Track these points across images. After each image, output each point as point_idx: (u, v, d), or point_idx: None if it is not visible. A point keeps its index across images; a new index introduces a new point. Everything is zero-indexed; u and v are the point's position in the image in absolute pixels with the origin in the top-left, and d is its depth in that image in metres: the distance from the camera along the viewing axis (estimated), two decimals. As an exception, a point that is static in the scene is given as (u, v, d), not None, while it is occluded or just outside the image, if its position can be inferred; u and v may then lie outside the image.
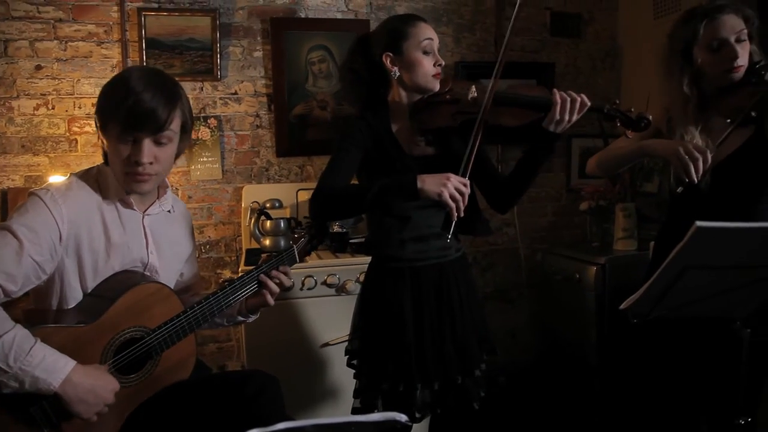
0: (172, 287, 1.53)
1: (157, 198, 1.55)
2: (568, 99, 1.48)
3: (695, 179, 1.49)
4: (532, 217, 3.37)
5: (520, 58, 3.23)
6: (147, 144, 1.37)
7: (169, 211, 1.59)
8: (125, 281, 1.41)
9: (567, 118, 1.48)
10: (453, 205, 1.41)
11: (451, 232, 1.47)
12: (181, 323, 1.42)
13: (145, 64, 2.67)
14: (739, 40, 1.56)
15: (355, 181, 1.66)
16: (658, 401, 1.93)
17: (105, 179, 1.45)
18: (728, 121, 1.56)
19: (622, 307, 1.25)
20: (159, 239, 1.54)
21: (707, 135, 1.60)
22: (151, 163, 1.38)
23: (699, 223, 1.01)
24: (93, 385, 1.27)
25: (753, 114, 1.54)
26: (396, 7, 3.04)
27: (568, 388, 2.98)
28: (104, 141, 1.41)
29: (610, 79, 3.42)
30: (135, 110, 1.32)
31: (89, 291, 1.40)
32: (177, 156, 1.50)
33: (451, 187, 1.41)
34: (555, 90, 1.50)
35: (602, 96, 3.30)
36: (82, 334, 1.32)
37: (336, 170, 1.56)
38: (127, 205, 1.47)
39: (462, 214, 1.43)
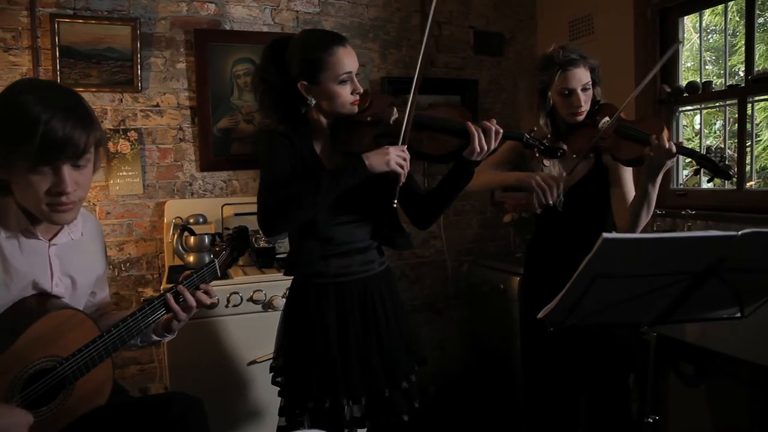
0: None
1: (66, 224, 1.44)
2: (482, 130, 1.52)
3: (551, 202, 1.79)
4: (458, 230, 3.45)
5: (444, 75, 3.32)
6: (67, 171, 1.25)
7: (79, 237, 1.49)
8: (30, 311, 1.31)
9: (486, 148, 1.53)
10: (401, 171, 1.48)
11: (396, 197, 1.50)
12: (97, 349, 1.33)
13: (59, 72, 2.55)
14: (584, 90, 1.86)
15: None
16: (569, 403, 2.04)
17: (3, 209, 1.33)
18: (573, 156, 1.83)
19: (539, 316, 1.31)
20: (67, 268, 1.44)
21: (561, 162, 1.89)
22: (75, 191, 1.28)
23: (605, 235, 1.07)
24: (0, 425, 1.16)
25: (591, 155, 1.85)
26: (323, 21, 3.05)
27: (496, 395, 3.05)
28: (6, 175, 1.27)
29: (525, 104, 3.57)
30: (48, 141, 1.19)
31: None
32: (93, 173, 1.39)
33: (395, 156, 1.48)
34: (468, 124, 1.52)
35: (523, 112, 3.44)
36: None
37: (275, 184, 1.49)
38: (31, 234, 1.36)
39: (404, 179, 1.50)
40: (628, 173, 1.88)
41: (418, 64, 1.54)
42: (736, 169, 1.66)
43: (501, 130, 1.54)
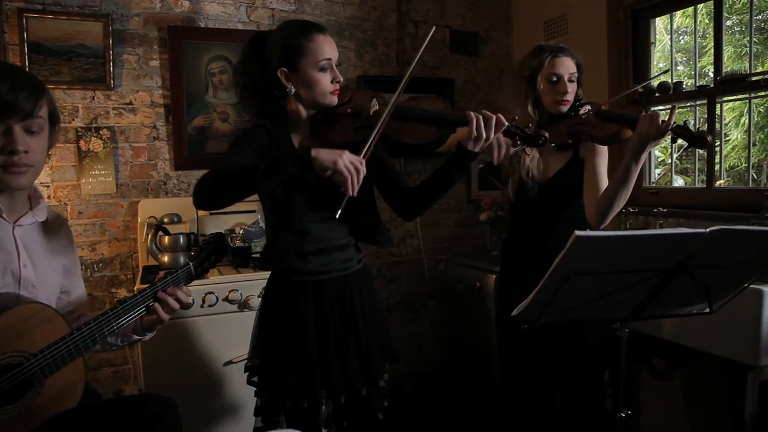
0: (53, 305, 1.42)
1: (30, 209, 1.45)
2: (482, 118, 1.50)
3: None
4: (434, 228, 3.46)
5: (420, 74, 3.33)
6: (18, 131, 1.31)
7: (43, 222, 1.49)
8: None
9: (484, 135, 1.50)
10: (347, 175, 1.34)
11: (341, 210, 1.38)
12: (67, 346, 1.31)
13: (28, 69, 2.49)
14: (570, 80, 1.90)
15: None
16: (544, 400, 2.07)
17: None
18: (553, 145, 1.88)
19: (513, 313, 1.32)
20: (33, 251, 1.43)
21: (540, 154, 1.94)
22: (26, 152, 1.32)
23: (578, 233, 1.09)
24: None
25: (570, 141, 1.87)
26: (298, 19, 3.03)
27: (474, 393, 3.08)
28: None
29: (507, 96, 3.59)
30: None
31: None
32: (49, 148, 1.43)
33: (347, 160, 1.35)
34: (468, 112, 1.51)
35: (499, 112, 3.47)
36: None
37: (227, 162, 1.45)
38: None
39: (355, 193, 1.36)
40: (603, 164, 1.89)
41: (413, 63, 1.51)
42: (711, 138, 1.64)
43: (504, 122, 1.52)
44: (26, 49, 2.49)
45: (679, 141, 1.70)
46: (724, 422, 2.03)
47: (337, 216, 1.38)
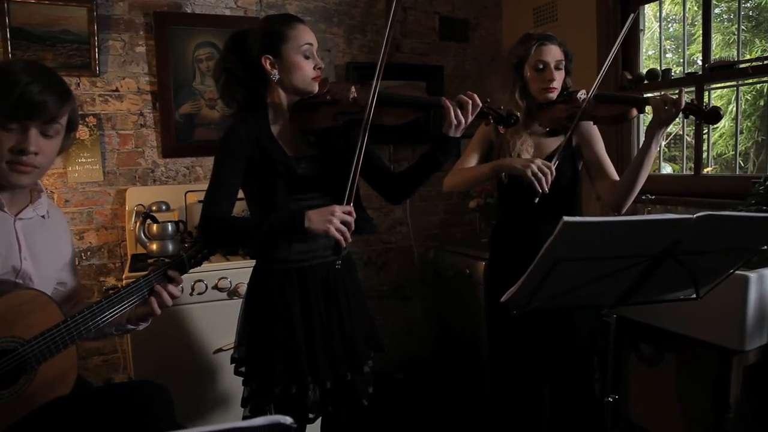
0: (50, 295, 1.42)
1: (31, 202, 1.45)
2: (456, 104, 1.55)
3: (546, 190, 1.79)
4: (424, 216, 3.47)
5: (410, 60, 3.31)
6: (34, 133, 1.31)
7: (43, 216, 1.49)
8: None
9: (463, 121, 1.56)
10: (340, 237, 1.46)
11: (341, 258, 1.55)
12: (60, 333, 1.30)
13: (10, 55, 2.45)
14: (557, 68, 1.92)
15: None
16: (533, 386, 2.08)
17: None
18: (547, 130, 1.93)
19: (502, 300, 1.33)
20: (33, 245, 1.44)
21: (531, 138, 1.96)
22: (36, 154, 1.32)
23: (566, 219, 1.09)
24: None
25: (568, 125, 1.88)
26: (286, 5, 3.01)
27: (463, 379, 3.10)
28: None
29: (496, 84, 3.59)
30: (24, 100, 1.27)
31: None
32: (59, 153, 1.43)
33: (337, 222, 1.46)
34: (444, 99, 1.56)
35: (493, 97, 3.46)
36: None
37: (220, 194, 1.54)
38: None
39: (349, 242, 1.49)
40: (603, 149, 1.93)
41: (379, 62, 1.52)
42: (722, 111, 1.69)
43: (479, 102, 1.57)
44: (8, 34, 2.45)
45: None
46: (708, 406, 2.06)
47: (338, 266, 1.59)
